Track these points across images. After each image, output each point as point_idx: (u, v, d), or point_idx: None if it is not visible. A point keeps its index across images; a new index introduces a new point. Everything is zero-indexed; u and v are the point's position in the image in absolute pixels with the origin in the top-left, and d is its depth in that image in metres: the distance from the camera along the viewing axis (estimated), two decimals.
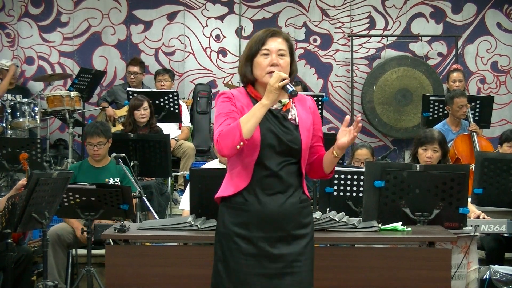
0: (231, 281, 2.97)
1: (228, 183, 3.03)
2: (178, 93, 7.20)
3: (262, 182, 2.97)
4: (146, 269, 3.69)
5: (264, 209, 2.96)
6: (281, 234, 2.97)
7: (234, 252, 2.97)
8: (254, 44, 3.05)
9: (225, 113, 2.99)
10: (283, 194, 2.98)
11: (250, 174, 2.97)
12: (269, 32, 3.06)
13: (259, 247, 2.95)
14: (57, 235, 5.31)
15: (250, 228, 2.96)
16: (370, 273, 3.68)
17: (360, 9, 8.83)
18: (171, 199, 6.83)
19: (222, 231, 3.02)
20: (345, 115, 8.68)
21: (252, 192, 2.97)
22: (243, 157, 2.97)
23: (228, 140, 2.88)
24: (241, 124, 2.87)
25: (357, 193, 4.61)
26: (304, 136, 3.03)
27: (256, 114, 2.89)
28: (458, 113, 6.57)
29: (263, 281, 2.94)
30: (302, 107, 3.10)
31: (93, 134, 5.56)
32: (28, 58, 8.64)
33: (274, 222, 2.96)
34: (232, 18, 8.80)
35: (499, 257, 5.15)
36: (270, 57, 3.01)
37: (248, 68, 3.06)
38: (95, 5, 8.71)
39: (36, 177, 4.16)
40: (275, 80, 2.90)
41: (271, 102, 2.91)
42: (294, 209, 3.00)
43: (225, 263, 2.99)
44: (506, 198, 4.86)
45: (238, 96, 3.05)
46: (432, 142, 4.66)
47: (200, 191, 3.96)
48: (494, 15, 8.83)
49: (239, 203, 2.98)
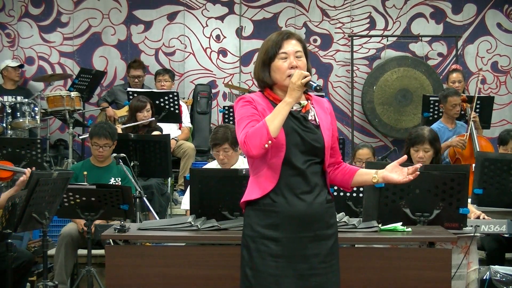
0: (260, 284, 2.94)
1: (254, 186, 3.02)
2: (178, 93, 7.21)
3: (289, 182, 2.96)
4: (146, 269, 3.69)
5: (293, 210, 2.95)
6: (310, 234, 2.97)
7: (263, 254, 2.95)
8: (270, 48, 3.04)
9: (247, 116, 2.98)
10: (310, 194, 2.99)
11: (278, 174, 2.96)
12: (284, 35, 3.05)
13: (289, 248, 2.94)
14: (71, 236, 5.31)
15: (279, 229, 2.95)
16: (370, 273, 3.68)
17: (360, 9, 8.83)
18: (171, 199, 6.84)
19: (250, 234, 2.99)
20: (345, 115, 8.79)
21: (279, 193, 2.96)
22: (269, 159, 2.96)
23: (255, 140, 2.87)
24: (267, 123, 2.87)
25: (357, 193, 4.61)
26: (326, 135, 3.04)
27: (281, 112, 2.89)
28: (451, 112, 6.59)
29: (292, 282, 2.93)
30: (320, 108, 3.12)
31: (100, 136, 5.57)
32: (28, 58, 8.64)
33: (303, 222, 2.96)
34: (232, 18, 8.80)
35: (499, 257, 5.15)
36: (289, 60, 3.01)
37: (266, 72, 3.05)
38: (95, 5, 8.71)
39: (36, 177, 4.16)
40: (297, 77, 2.91)
41: (294, 100, 2.92)
42: (322, 208, 3.00)
43: (253, 267, 2.96)
44: (506, 199, 4.86)
45: (257, 99, 3.05)
46: (422, 142, 4.64)
47: (200, 191, 3.96)
48: (494, 15, 8.84)
49: (267, 204, 2.97)
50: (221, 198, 3.93)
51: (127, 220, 4.90)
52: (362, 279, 3.68)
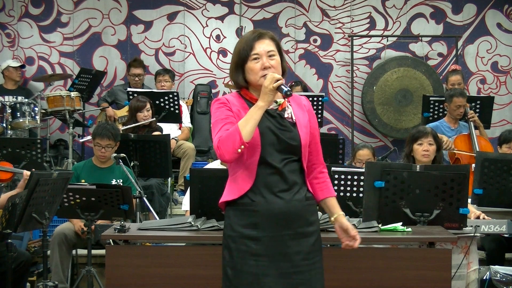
0: (241, 284, 2.94)
1: (232, 187, 3.02)
2: (178, 93, 7.21)
3: (266, 181, 2.96)
4: (146, 269, 3.69)
5: (272, 208, 2.95)
6: (290, 232, 2.96)
7: (244, 254, 2.95)
8: (242, 50, 3.04)
9: (222, 118, 2.98)
10: (288, 191, 2.98)
11: (254, 174, 2.96)
12: (255, 36, 3.04)
13: (269, 247, 2.94)
14: (64, 234, 5.31)
15: (259, 228, 2.95)
16: (370, 274, 3.68)
17: (360, 10, 8.83)
18: (171, 200, 6.84)
19: (231, 234, 2.99)
20: (345, 115, 8.79)
21: (257, 192, 2.96)
22: (245, 159, 2.96)
23: (228, 145, 2.88)
24: (240, 128, 2.87)
25: (357, 193, 4.61)
26: (303, 132, 3.03)
27: (254, 116, 2.89)
28: (455, 112, 6.58)
29: (274, 281, 2.93)
30: (298, 106, 3.10)
31: (103, 137, 5.56)
32: (28, 58, 8.64)
33: (282, 220, 2.96)
34: (232, 18, 8.80)
35: (499, 257, 5.15)
36: (261, 61, 3.00)
37: (239, 74, 3.06)
38: (95, 5, 8.71)
39: (36, 177, 4.16)
40: (269, 81, 2.90)
41: (267, 104, 2.92)
42: (301, 206, 3.00)
43: (234, 267, 2.96)
44: (506, 199, 4.86)
45: (233, 100, 3.05)
46: (426, 135, 4.73)
47: (200, 191, 3.96)
48: (494, 16, 8.83)
49: (246, 204, 2.97)
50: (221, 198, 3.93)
51: (127, 220, 4.90)
52: (362, 279, 3.68)
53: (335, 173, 4.60)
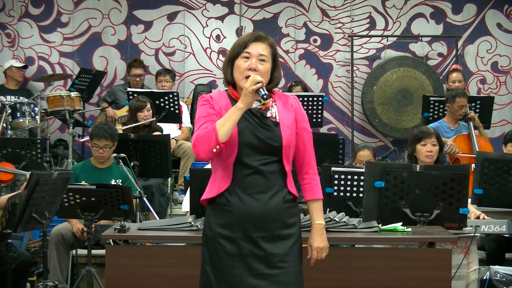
0: (219, 283, 2.96)
1: (212, 185, 3.04)
2: (178, 93, 7.21)
3: (243, 182, 2.96)
4: (146, 269, 3.69)
5: (247, 209, 2.95)
6: (265, 234, 2.95)
7: (220, 253, 2.97)
8: (237, 46, 3.04)
9: (203, 116, 2.99)
10: (266, 193, 2.97)
11: (231, 174, 2.96)
12: (252, 36, 3.05)
13: (243, 248, 2.95)
14: (61, 234, 5.31)
15: (233, 229, 2.96)
16: (370, 274, 3.68)
17: (360, 10, 8.83)
18: (171, 199, 6.84)
19: (208, 233, 3.02)
20: (345, 115, 8.78)
21: (233, 192, 2.96)
22: (224, 159, 2.97)
23: (204, 144, 2.89)
24: (217, 127, 2.87)
25: (357, 193, 4.61)
26: (286, 133, 3.00)
27: (232, 117, 2.89)
28: (457, 113, 6.57)
29: (249, 281, 2.93)
30: (283, 105, 3.08)
31: (100, 137, 5.55)
32: (28, 58, 8.64)
33: (257, 222, 2.95)
34: (232, 18, 8.80)
35: (499, 257, 5.15)
36: (250, 61, 3.00)
37: (228, 69, 3.07)
38: (95, 5, 8.71)
39: (36, 177, 4.16)
40: (249, 83, 2.90)
41: (246, 105, 2.91)
42: (278, 209, 2.98)
43: (212, 265, 2.99)
44: (506, 199, 4.86)
45: (218, 98, 3.05)
46: (430, 136, 4.73)
47: (200, 191, 3.93)
48: (494, 16, 8.84)
49: (222, 204, 2.98)
50: None
51: (127, 220, 4.90)
52: (362, 279, 3.68)
53: (335, 173, 4.60)
